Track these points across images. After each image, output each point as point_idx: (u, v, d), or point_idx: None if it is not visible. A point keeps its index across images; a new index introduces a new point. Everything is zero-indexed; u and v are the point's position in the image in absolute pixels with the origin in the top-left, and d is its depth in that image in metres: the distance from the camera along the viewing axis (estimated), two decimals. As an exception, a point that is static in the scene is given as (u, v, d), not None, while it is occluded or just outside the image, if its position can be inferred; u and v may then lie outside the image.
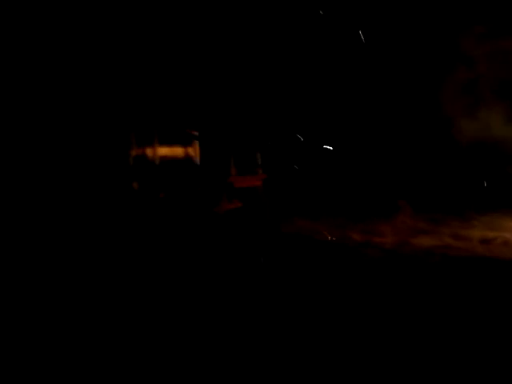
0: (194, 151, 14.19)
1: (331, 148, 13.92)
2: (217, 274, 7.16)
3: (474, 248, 8.55)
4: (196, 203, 12.12)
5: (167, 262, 7.80)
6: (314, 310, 5.60)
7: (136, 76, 14.22)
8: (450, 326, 5.26)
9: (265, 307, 5.73)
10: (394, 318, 5.40)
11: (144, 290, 6.37)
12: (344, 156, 13.54)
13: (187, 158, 14.09)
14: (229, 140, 14.18)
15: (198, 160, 14.14)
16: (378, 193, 11.58)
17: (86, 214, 11.39)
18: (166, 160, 13.97)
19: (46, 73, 13.21)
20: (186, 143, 14.20)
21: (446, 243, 8.81)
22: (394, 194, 11.28)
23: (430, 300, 5.98)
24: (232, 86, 14.66)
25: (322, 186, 12.72)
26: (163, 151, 14.13)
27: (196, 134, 14.31)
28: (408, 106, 12.23)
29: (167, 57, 14.34)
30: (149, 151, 14.04)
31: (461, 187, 11.33)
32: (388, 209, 10.66)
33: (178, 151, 14.17)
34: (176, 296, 6.16)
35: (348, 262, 7.70)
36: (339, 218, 10.58)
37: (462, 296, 6.14)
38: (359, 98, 13.20)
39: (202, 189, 12.77)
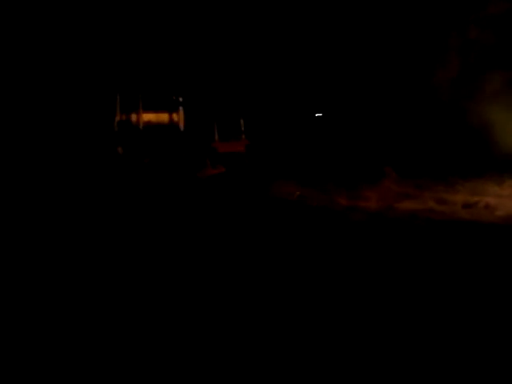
0: (178, 117, 14.16)
1: (321, 114, 13.93)
2: (198, 240, 7.19)
3: (457, 212, 8.69)
4: (180, 168, 12.13)
5: (149, 230, 7.81)
6: (296, 278, 5.66)
7: (121, 43, 14.04)
8: (433, 291, 5.38)
9: (246, 278, 5.79)
10: (376, 287, 5.49)
11: (126, 258, 6.39)
12: (332, 123, 13.58)
13: (171, 124, 14.07)
14: (213, 106, 14.14)
15: (182, 126, 14.13)
16: (365, 159, 11.68)
17: (71, 178, 11.33)
18: (150, 125, 13.93)
19: (28, 39, 12.97)
20: (170, 109, 14.16)
21: (429, 207, 8.94)
22: (380, 160, 11.38)
23: (413, 264, 6.08)
24: (217, 53, 14.54)
25: (311, 152, 12.79)
26: (148, 117, 14.07)
27: (180, 99, 14.24)
28: (396, 74, 12.23)
29: (153, 26, 14.15)
30: (134, 116, 13.97)
31: (445, 153, 11.45)
32: (374, 175, 10.76)
33: (162, 117, 14.14)
34: (157, 266, 6.18)
35: (334, 226, 7.78)
36: (326, 184, 10.66)
37: (444, 259, 6.25)
38: (346, 68, 13.17)
39: (186, 154, 12.78)
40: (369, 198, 9.49)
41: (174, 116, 14.07)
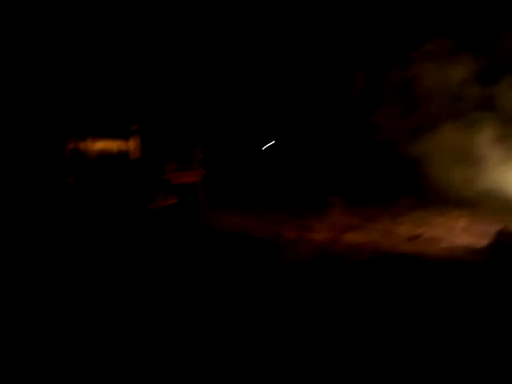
0: (132, 146, 13.92)
1: (272, 143, 14.01)
2: (144, 269, 7.04)
3: (402, 244, 8.77)
4: (132, 199, 11.92)
5: (97, 257, 7.63)
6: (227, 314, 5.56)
7: (74, 69, 13.86)
8: (367, 322, 5.36)
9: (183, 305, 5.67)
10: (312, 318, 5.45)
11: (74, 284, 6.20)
12: (281, 154, 13.67)
13: (125, 153, 13.81)
14: (168, 136, 14.03)
15: (135, 155, 13.90)
16: (313, 189, 11.74)
17: (19, 209, 11.02)
18: (103, 154, 13.65)
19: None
20: (124, 137, 13.92)
21: (375, 239, 8.99)
22: (327, 190, 11.46)
23: (354, 298, 6.07)
24: (172, 83, 14.52)
25: (260, 182, 12.80)
26: (100, 145, 13.78)
27: (135, 128, 14.05)
28: (342, 108, 12.44)
29: (107, 51, 14.04)
30: (86, 145, 13.69)
31: (390, 184, 11.62)
32: (322, 205, 10.82)
33: (115, 145, 13.85)
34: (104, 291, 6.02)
35: (277, 260, 7.72)
36: (275, 214, 10.64)
37: (387, 293, 6.26)
38: (294, 101, 13.36)
39: (139, 184, 12.57)
40: (316, 229, 9.50)
41: (128, 145, 13.85)
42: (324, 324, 5.32)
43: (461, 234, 9.25)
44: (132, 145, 13.97)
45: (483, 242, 8.48)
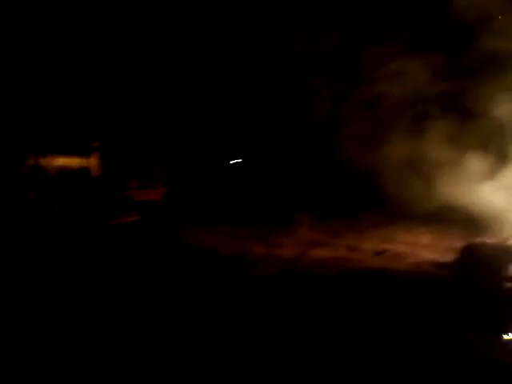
0: (93, 163, 13.71)
1: (239, 161, 13.96)
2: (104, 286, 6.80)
3: (368, 259, 8.80)
4: (93, 215, 11.66)
5: (57, 272, 7.35)
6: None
7: (33, 84, 13.57)
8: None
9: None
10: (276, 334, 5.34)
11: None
12: (248, 171, 13.64)
13: (86, 169, 13.57)
14: (129, 153, 13.88)
15: (96, 172, 13.68)
16: (280, 206, 11.72)
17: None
18: (63, 170, 13.36)
19: None
20: (84, 154, 13.69)
21: (341, 255, 9.00)
22: (293, 206, 11.46)
23: (320, 313, 5.99)
24: (133, 100, 14.40)
25: (227, 198, 12.70)
26: (61, 161, 13.50)
27: (96, 145, 13.84)
28: (306, 126, 12.53)
29: (67, 67, 13.83)
30: (45, 161, 13.38)
31: (356, 200, 11.71)
32: (288, 221, 10.79)
33: (76, 162, 13.59)
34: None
35: (245, 275, 7.61)
36: (242, 230, 10.53)
37: (352, 307, 6.22)
38: (258, 118, 13.40)
39: (100, 201, 12.32)
40: (283, 245, 9.44)
41: (89, 161, 13.61)
42: (289, 337, 5.22)
43: (426, 249, 9.36)
44: (93, 162, 13.75)
45: (448, 257, 8.60)
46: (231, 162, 13.55)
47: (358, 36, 11.95)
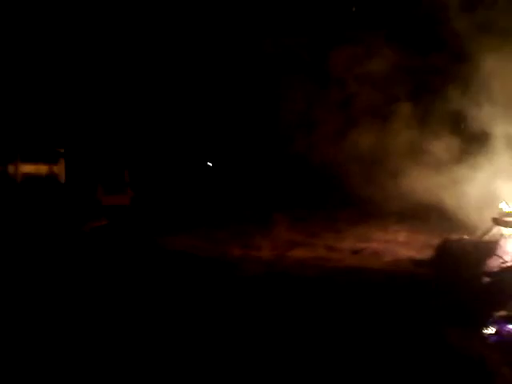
0: (59, 169, 13.56)
1: (211, 164, 13.88)
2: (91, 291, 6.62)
3: (346, 259, 8.85)
4: (60, 221, 11.45)
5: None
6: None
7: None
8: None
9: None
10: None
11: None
12: (222, 172, 13.55)
13: (52, 176, 13.42)
14: (96, 158, 13.72)
15: (63, 178, 13.53)
16: (256, 207, 11.67)
17: None
18: (29, 177, 13.14)
19: None
20: (51, 161, 13.53)
21: (320, 255, 9.02)
22: (270, 207, 11.44)
23: (305, 313, 5.97)
24: (99, 105, 14.19)
25: (201, 201, 12.59)
26: (27, 168, 13.30)
27: (62, 151, 13.66)
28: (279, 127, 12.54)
29: (32, 72, 13.53)
30: (11, 168, 13.15)
31: (331, 200, 11.77)
32: (266, 222, 10.75)
33: (42, 169, 13.44)
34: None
35: (225, 278, 7.51)
36: (218, 233, 10.42)
37: (334, 305, 6.23)
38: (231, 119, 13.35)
39: (68, 207, 12.13)
40: (261, 247, 9.40)
41: (55, 168, 13.44)
42: (276, 336, 5.18)
43: (402, 246, 9.48)
44: (60, 168, 13.59)
45: (424, 253, 8.73)
46: (208, 164, 13.43)
47: (328, 36, 12.04)
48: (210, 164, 13.52)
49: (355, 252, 9.22)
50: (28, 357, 4.60)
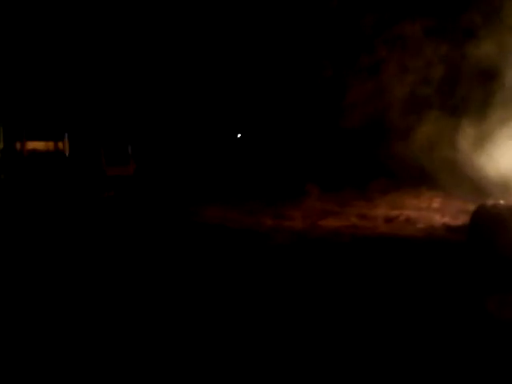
0: (64, 144, 14.11)
1: (240, 135, 13.84)
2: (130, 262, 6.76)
3: (379, 226, 8.79)
4: (67, 193, 11.78)
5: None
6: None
7: (5, 72, 13.57)
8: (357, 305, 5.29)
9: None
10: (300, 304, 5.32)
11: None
12: (251, 144, 13.52)
13: (58, 151, 13.98)
14: (99, 133, 14.05)
15: (67, 152, 14.05)
16: (288, 177, 11.64)
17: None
18: (36, 153, 13.68)
19: None
20: (56, 137, 14.07)
21: (352, 223, 8.98)
22: (302, 177, 11.39)
23: (338, 281, 5.98)
24: (101, 82, 14.29)
25: (233, 172, 12.63)
26: (33, 145, 13.89)
27: (67, 127, 14.08)
28: (311, 95, 12.38)
29: (36, 54, 13.71)
30: (18, 145, 13.70)
31: (364, 168, 11.65)
32: (297, 192, 10.73)
33: (48, 145, 14.04)
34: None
35: (259, 248, 7.57)
36: (251, 204, 10.45)
37: (369, 273, 6.22)
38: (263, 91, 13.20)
39: (73, 179, 12.51)
40: (293, 217, 9.40)
41: (59, 144, 13.99)
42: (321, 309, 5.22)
43: (436, 213, 9.37)
44: (65, 143, 14.09)
45: (458, 220, 8.63)
46: (237, 135, 13.40)
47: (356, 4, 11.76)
48: (239, 135, 13.46)
49: (388, 220, 9.13)
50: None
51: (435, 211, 9.56)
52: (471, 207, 8.07)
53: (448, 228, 8.54)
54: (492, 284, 5.83)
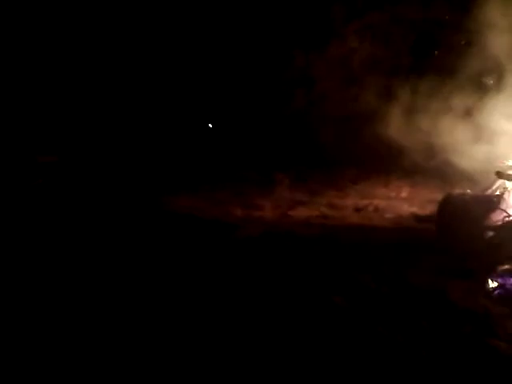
0: None
1: (211, 125, 13.68)
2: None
3: (349, 216, 8.85)
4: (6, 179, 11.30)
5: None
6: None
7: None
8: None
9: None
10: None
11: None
12: (220, 132, 13.38)
13: None
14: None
15: None
16: (256, 166, 11.57)
17: None
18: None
19: None
20: None
21: (322, 213, 9.01)
22: (271, 166, 11.35)
23: (301, 276, 5.99)
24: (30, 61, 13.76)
25: (201, 161, 12.44)
26: None
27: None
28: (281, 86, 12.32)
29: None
30: None
31: (333, 157, 11.65)
32: (266, 181, 10.69)
33: None
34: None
35: (228, 239, 7.52)
36: (220, 193, 10.34)
37: (337, 263, 6.26)
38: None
39: (8, 167, 11.97)
40: (263, 207, 9.36)
41: None
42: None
43: (405, 203, 9.47)
44: None
45: (427, 209, 8.74)
46: (208, 125, 13.20)
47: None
48: (211, 125, 13.28)
49: (358, 209, 9.20)
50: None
51: (404, 200, 9.68)
52: (439, 196, 8.15)
53: (416, 217, 8.65)
54: (456, 273, 5.93)
